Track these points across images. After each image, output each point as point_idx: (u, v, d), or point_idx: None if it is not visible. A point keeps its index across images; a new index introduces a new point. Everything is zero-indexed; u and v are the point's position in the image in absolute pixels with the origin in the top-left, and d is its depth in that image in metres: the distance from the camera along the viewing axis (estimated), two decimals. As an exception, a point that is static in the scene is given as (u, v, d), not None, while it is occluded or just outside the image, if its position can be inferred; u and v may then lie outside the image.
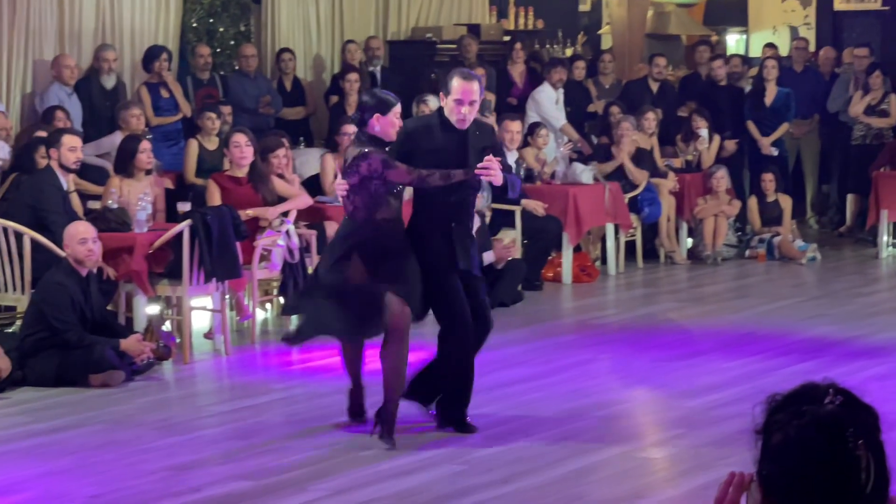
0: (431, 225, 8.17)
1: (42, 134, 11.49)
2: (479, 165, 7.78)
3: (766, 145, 15.99)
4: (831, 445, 2.53)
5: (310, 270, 11.06)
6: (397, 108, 8.13)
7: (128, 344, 9.60)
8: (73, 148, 10.80)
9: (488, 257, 12.37)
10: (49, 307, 9.59)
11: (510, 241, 13.00)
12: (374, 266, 8.01)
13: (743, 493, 2.77)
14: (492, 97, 15.10)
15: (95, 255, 9.68)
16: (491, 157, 7.84)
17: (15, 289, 10.18)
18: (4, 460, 7.97)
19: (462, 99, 7.91)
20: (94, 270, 9.92)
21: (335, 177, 12.66)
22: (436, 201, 8.16)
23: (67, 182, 10.87)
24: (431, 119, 8.48)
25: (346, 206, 8.25)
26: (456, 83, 7.95)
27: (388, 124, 8.12)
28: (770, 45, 18.62)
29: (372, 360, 8.36)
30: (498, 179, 7.86)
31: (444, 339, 8.16)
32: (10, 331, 10.23)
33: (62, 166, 10.70)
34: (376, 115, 8.05)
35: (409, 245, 8.15)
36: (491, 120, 13.91)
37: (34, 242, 10.10)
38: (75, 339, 9.50)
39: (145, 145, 11.44)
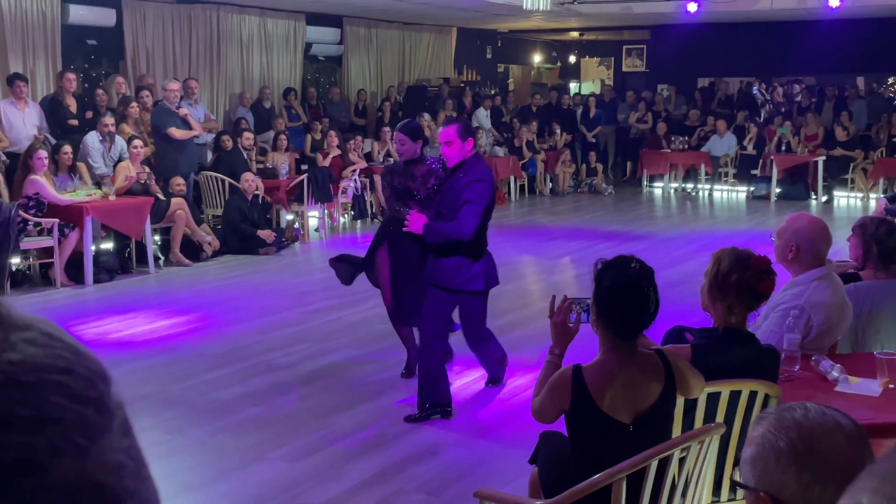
0: None
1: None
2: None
3: (590, 136, 15.96)
4: (636, 288, 2.57)
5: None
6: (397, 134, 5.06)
7: (263, 233, 9.58)
8: (248, 137, 10.70)
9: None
10: (228, 212, 9.62)
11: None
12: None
13: (570, 308, 2.80)
14: (454, 114, 14.88)
15: (253, 188, 9.63)
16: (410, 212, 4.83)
17: (218, 206, 10.14)
18: (218, 291, 8.00)
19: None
20: (259, 198, 9.90)
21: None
22: None
23: (247, 155, 10.74)
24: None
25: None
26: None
27: None
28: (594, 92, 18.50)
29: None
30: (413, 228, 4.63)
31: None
32: (218, 227, 10.20)
33: (244, 147, 10.62)
34: None
35: None
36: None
37: (230, 185, 10.04)
38: (240, 229, 9.50)
39: (283, 137, 11.37)
